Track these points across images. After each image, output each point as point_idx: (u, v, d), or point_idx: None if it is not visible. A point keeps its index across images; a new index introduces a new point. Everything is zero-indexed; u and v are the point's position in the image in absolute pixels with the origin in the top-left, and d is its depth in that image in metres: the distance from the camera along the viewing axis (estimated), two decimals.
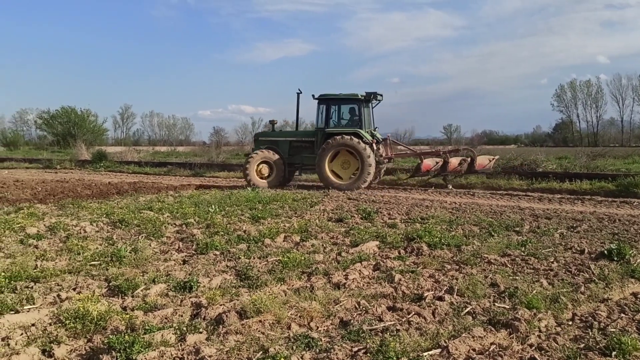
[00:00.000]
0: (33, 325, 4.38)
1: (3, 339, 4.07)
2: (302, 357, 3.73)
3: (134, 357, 3.60)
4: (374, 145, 16.50)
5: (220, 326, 4.30)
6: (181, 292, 5.34)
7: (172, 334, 4.09)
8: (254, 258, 6.80)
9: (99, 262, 6.61)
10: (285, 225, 9.15)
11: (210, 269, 6.34)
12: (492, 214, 10.81)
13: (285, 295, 5.21)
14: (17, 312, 4.65)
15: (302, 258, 6.56)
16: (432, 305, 4.87)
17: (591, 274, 5.96)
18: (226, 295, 5.19)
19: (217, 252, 7.15)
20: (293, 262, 6.35)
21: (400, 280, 5.70)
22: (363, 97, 16.99)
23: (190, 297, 5.13)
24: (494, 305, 4.89)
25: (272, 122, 19.25)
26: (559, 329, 4.36)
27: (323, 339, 4.09)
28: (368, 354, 3.77)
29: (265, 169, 17.22)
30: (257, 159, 17.17)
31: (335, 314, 4.66)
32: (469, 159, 16.82)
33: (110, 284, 5.61)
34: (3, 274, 5.76)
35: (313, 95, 17.41)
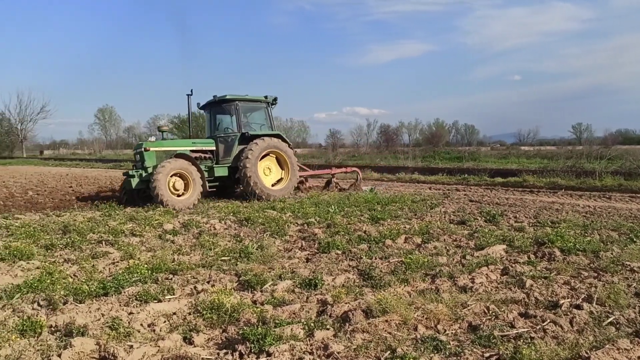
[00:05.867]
0: (174, 314, 4.72)
1: (149, 325, 4.43)
2: None
3: (266, 349, 3.74)
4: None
5: (347, 324, 4.33)
6: (307, 289, 5.46)
7: (301, 329, 4.19)
8: (375, 258, 6.79)
9: (228, 257, 6.97)
10: (405, 227, 9.05)
11: (333, 267, 6.44)
12: (633, 219, 9.88)
13: (410, 296, 5.14)
14: (159, 301, 5.03)
15: (425, 260, 6.44)
16: (569, 313, 4.55)
17: None
18: (350, 293, 5.23)
19: (339, 252, 7.23)
20: (416, 263, 6.26)
21: (532, 286, 5.40)
22: (270, 100, 15.46)
23: (316, 295, 5.23)
24: None
25: (161, 129, 15.38)
26: None
27: (451, 343, 3.98)
28: None
29: (179, 183, 12.98)
30: (168, 170, 12.68)
31: (464, 317, 4.51)
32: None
33: (240, 279, 5.89)
34: (146, 265, 6.29)
35: (215, 96, 14.81)
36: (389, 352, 3.78)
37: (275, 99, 15.45)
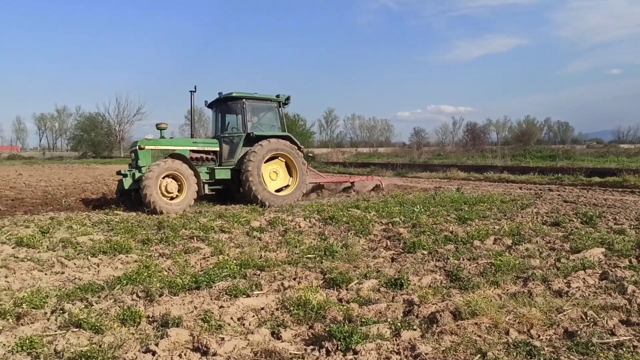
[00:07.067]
0: (262, 309, 4.83)
1: (239, 319, 4.56)
2: None
3: (353, 347, 3.73)
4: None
5: (434, 325, 4.23)
6: (392, 288, 5.40)
7: (387, 328, 4.14)
8: (463, 259, 6.60)
9: (314, 255, 7.03)
10: (494, 228, 8.74)
11: (418, 267, 6.33)
12: None
13: (501, 299, 4.95)
14: (248, 296, 5.16)
15: (516, 262, 6.18)
16: None
17: None
18: (437, 294, 5.11)
19: (425, 252, 7.10)
20: (506, 265, 6.02)
21: (634, 292, 5.03)
22: (282, 100, 14.41)
23: (402, 294, 5.15)
24: None
25: (160, 127, 13.71)
26: None
27: (546, 349, 3.78)
28: None
29: (172, 185, 12.13)
30: (160, 171, 11.90)
31: (559, 323, 4.27)
32: None
33: (326, 277, 5.92)
34: (235, 261, 6.49)
35: (220, 94, 14.11)
36: (479, 355, 3.66)
37: (287, 99, 14.55)
